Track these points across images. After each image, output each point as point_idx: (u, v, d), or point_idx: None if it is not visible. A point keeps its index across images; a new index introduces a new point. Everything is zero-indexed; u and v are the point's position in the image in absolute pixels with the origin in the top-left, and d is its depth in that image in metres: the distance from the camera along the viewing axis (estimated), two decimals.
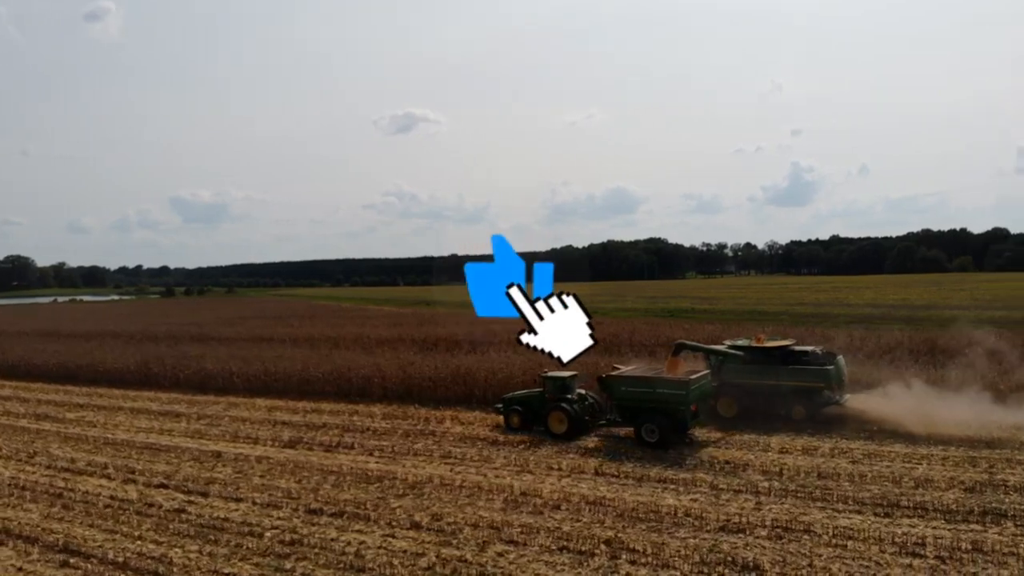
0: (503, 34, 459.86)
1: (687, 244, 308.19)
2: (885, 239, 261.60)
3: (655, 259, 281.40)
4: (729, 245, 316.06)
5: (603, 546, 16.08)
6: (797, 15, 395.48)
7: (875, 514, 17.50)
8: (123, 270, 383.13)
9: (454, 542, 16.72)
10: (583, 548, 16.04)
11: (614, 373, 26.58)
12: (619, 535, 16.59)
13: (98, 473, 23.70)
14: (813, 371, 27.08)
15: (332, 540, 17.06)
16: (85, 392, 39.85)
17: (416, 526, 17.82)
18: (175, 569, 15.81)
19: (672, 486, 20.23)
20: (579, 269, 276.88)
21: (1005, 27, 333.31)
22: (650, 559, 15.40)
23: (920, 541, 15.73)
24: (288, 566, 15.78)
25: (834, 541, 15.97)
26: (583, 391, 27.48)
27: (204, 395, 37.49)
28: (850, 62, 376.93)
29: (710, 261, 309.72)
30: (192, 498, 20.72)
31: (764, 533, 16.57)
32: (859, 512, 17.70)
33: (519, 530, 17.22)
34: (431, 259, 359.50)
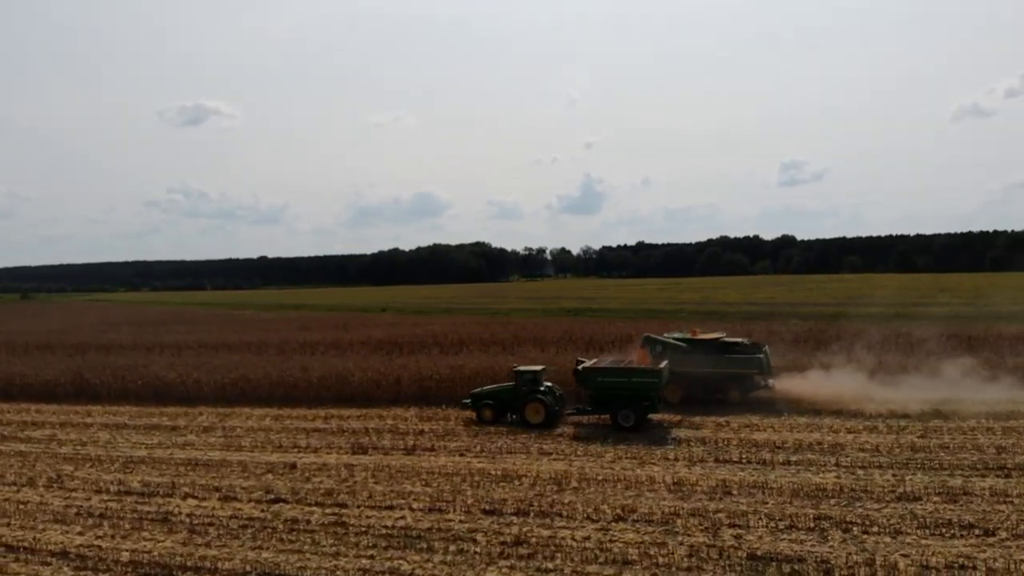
0: (307, 27, 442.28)
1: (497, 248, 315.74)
2: (688, 245, 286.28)
3: (483, 262, 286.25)
4: (548, 249, 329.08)
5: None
6: (593, 31, 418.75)
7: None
8: None
9: (677, 531, 17.21)
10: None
11: (589, 365, 28.54)
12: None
13: (177, 493, 21.20)
14: (747, 359, 31.04)
15: (550, 537, 16.89)
16: (21, 408, 34.62)
17: (620, 518, 18.01)
18: None
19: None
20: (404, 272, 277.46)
21: (773, 55, 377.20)
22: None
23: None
24: (549, 566, 15.50)
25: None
26: (549, 383, 29.10)
27: (171, 406, 33.98)
28: (636, 81, 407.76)
29: (532, 264, 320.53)
30: (334, 510, 19.31)
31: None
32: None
33: (724, 514, 18.08)
34: (235, 261, 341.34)
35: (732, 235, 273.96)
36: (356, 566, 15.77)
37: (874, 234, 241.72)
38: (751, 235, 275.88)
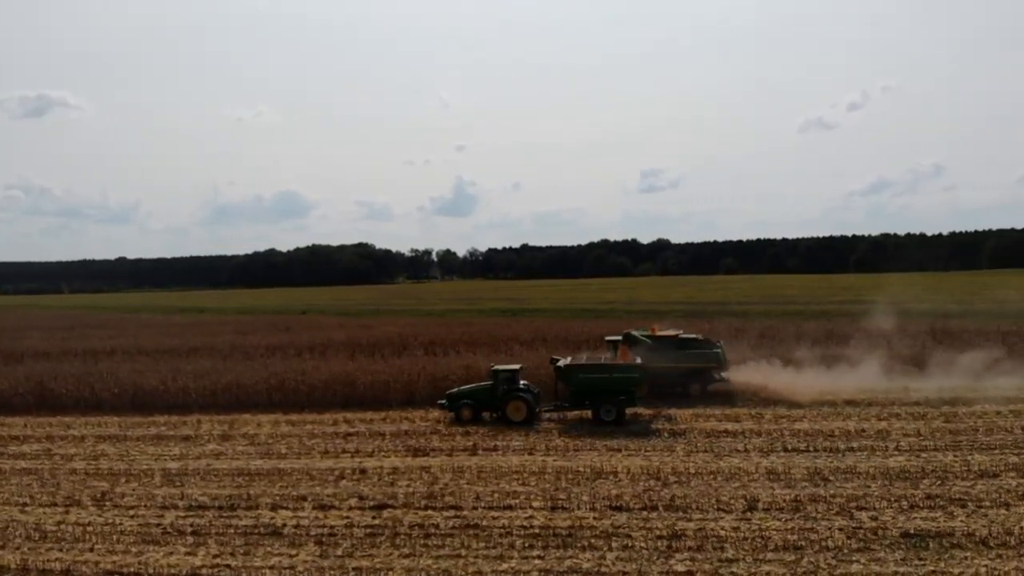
0: (163, 15, 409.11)
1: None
2: (572, 247, 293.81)
3: (370, 263, 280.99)
4: (434, 251, 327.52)
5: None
6: (464, 35, 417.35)
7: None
8: None
9: (816, 516, 17.79)
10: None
11: (571, 363, 29.53)
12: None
13: (261, 505, 19.66)
14: (706, 354, 33.10)
15: (699, 530, 17.02)
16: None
17: (750, 508, 18.36)
18: None
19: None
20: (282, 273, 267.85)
21: (633, 66, 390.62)
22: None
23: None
24: (727, 556, 15.63)
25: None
26: (525, 382, 29.57)
27: (159, 415, 31.24)
28: (507, 86, 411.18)
29: (418, 266, 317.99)
30: (452, 513, 18.60)
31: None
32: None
33: (841, 499, 18.84)
34: (92, 263, 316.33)
35: (596, 239, 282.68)
36: (532, 566, 15.31)
37: (736, 239, 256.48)
38: (629, 239, 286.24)
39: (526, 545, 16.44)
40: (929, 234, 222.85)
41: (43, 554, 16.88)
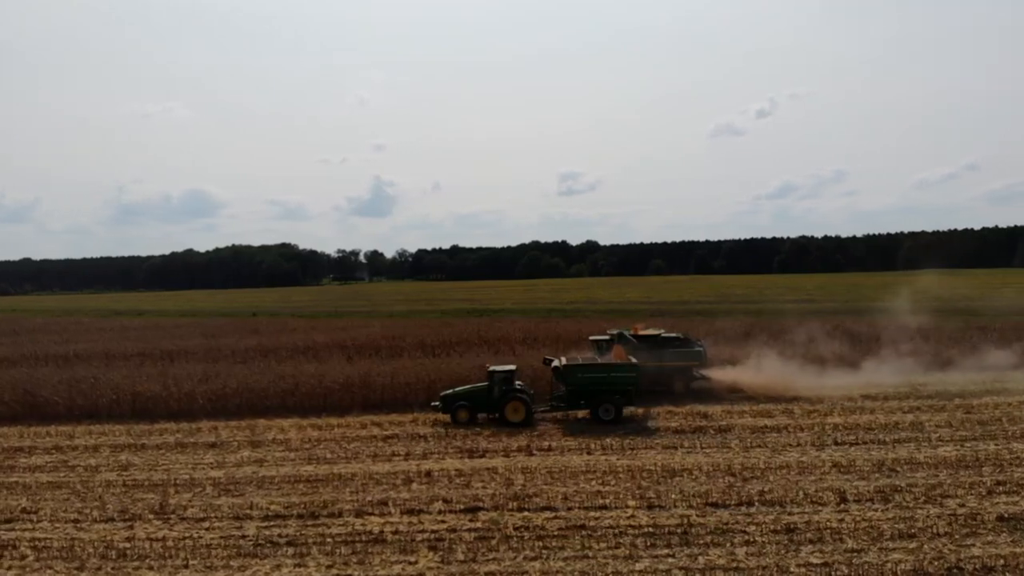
0: (63, 4, 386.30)
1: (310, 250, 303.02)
2: (503, 249, 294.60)
3: (296, 264, 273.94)
4: (362, 252, 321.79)
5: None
6: (384, 33, 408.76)
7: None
8: None
9: (907, 504, 18.29)
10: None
11: (570, 362, 29.64)
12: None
13: (345, 512, 18.78)
14: (690, 352, 33.98)
15: (809, 523, 17.25)
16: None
17: (843, 499, 18.72)
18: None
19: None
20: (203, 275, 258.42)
21: (553, 69, 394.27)
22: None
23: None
24: (853, 546, 15.84)
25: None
26: (519, 383, 29.66)
27: (165, 422, 29.39)
28: (427, 86, 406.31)
29: (346, 267, 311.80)
30: (553, 514, 18.19)
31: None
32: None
33: (922, 487, 19.44)
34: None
35: (521, 241, 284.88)
36: (667, 565, 15.18)
37: (661, 241, 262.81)
38: (559, 240, 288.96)
39: (647, 544, 16.25)
40: (844, 236, 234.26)
41: (132, 573, 15.65)
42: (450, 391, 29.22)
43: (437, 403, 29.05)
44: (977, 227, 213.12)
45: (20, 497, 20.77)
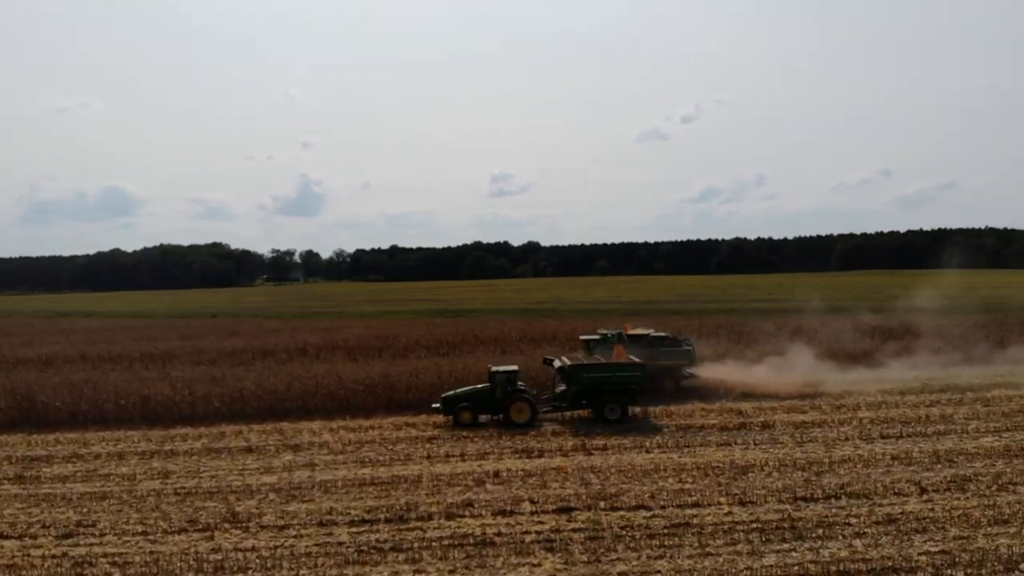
0: None
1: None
2: (444, 249, 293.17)
3: (231, 264, 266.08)
4: (297, 252, 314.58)
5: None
6: (312, 28, 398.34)
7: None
8: None
9: (983, 494, 18.80)
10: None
11: (574, 362, 29.48)
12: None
13: (437, 515, 18.18)
14: (681, 351, 34.63)
15: (911, 511, 17.56)
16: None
17: (923, 490, 19.12)
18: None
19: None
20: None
21: (484, 69, 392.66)
22: None
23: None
24: (956, 533, 16.18)
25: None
26: (521, 383, 29.45)
27: (182, 427, 27.98)
28: (356, 83, 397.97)
29: (280, 267, 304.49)
30: (644, 513, 18.03)
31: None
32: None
33: (988, 477, 20.04)
34: None
35: (456, 243, 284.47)
36: (793, 559, 15.21)
37: (602, 242, 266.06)
38: (501, 241, 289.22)
39: (763, 540, 16.24)
40: (776, 238, 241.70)
41: None
42: (451, 392, 28.66)
43: (438, 405, 28.47)
44: (888, 230, 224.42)
45: (66, 510, 19.34)
